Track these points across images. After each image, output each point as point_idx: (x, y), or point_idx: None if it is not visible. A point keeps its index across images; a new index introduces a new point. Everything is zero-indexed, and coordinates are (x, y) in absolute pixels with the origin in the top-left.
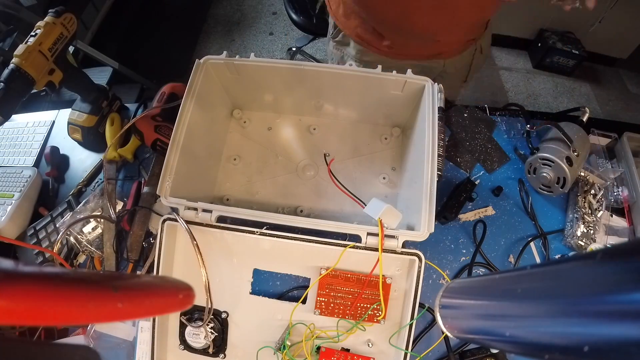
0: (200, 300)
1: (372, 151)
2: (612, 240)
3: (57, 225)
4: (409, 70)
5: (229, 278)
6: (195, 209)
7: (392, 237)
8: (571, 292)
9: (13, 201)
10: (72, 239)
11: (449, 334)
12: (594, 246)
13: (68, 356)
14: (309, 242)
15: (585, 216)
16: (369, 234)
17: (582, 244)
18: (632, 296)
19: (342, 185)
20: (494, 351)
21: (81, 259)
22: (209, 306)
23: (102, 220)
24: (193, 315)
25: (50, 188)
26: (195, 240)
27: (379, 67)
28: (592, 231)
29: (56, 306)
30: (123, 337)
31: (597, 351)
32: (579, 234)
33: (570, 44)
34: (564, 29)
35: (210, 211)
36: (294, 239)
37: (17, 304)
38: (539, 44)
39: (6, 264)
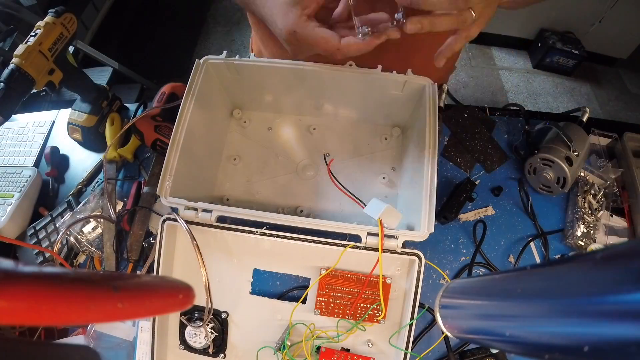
0: (200, 300)
1: (372, 151)
2: (612, 240)
3: (57, 225)
4: (409, 70)
5: (229, 278)
6: (195, 209)
7: (392, 237)
8: (571, 292)
9: (13, 201)
10: (72, 239)
11: (449, 334)
12: (594, 246)
13: (68, 356)
14: (309, 242)
15: (585, 216)
16: (368, 234)
17: (582, 244)
18: (631, 296)
19: (342, 186)
20: (494, 351)
21: (81, 259)
22: (209, 306)
23: (102, 220)
24: (193, 315)
25: (50, 188)
26: (195, 241)
27: (379, 67)
28: (592, 231)
29: (56, 306)
30: (123, 337)
31: (597, 351)
32: (579, 234)
33: (570, 44)
34: (564, 29)
35: (210, 211)
36: (294, 239)
37: (17, 304)
38: (539, 44)
39: (6, 264)
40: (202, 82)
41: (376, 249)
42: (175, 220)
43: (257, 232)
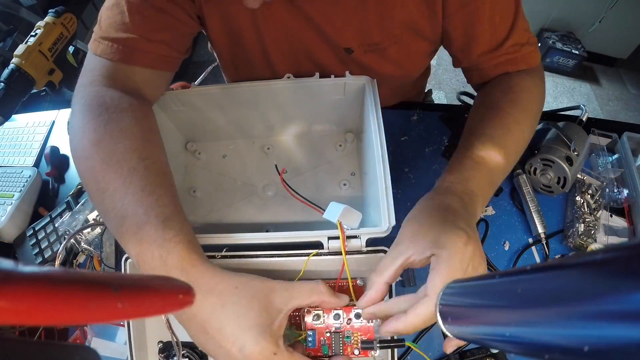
0: (168, 336)
1: (329, 160)
2: (612, 240)
3: (56, 226)
4: (347, 72)
5: None
6: None
7: (355, 237)
8: (571, 292)
9: (13, 201)
10: (71, 239)
11: (449, 334)
12: (594, 246)
13: (68, 356)
14: (273, 257)
15: (585, 216)
16: (329, 238)
17: (583, 243)
18: (632, 297)
19: (300, 195)
20: (494, 351)
21: (81, 259)
22: (175, 340)
23: (101, 219)
24: (171, 352)
25: (50, 188)
26: None
27: (317, 74)
28: (592, 231)
29: (56, 306)
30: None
31: (597, 351)
32: (579, 234)
33: (570, 44)
34: (564, 29)
35: None
36: (257, 257)
37: (17, 304)
38: (539, 44)
39: (6, 264)
40: None
41: (341, 253)
42: None
43: (218, 255)
